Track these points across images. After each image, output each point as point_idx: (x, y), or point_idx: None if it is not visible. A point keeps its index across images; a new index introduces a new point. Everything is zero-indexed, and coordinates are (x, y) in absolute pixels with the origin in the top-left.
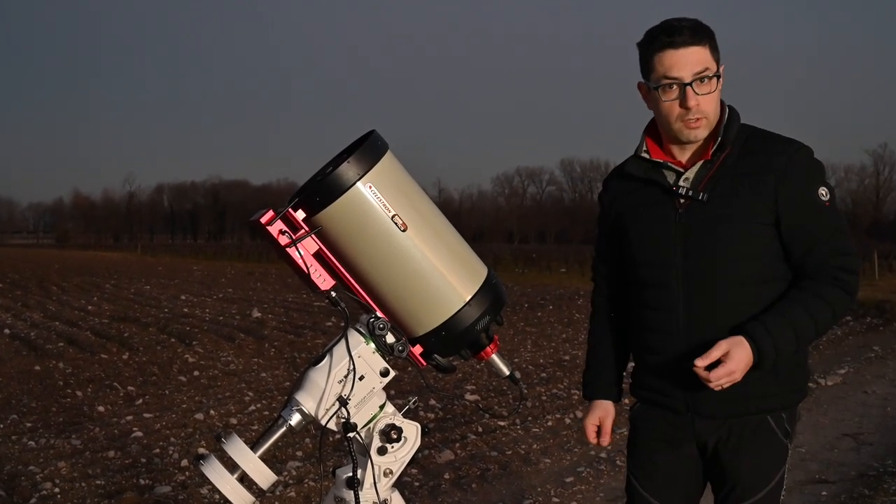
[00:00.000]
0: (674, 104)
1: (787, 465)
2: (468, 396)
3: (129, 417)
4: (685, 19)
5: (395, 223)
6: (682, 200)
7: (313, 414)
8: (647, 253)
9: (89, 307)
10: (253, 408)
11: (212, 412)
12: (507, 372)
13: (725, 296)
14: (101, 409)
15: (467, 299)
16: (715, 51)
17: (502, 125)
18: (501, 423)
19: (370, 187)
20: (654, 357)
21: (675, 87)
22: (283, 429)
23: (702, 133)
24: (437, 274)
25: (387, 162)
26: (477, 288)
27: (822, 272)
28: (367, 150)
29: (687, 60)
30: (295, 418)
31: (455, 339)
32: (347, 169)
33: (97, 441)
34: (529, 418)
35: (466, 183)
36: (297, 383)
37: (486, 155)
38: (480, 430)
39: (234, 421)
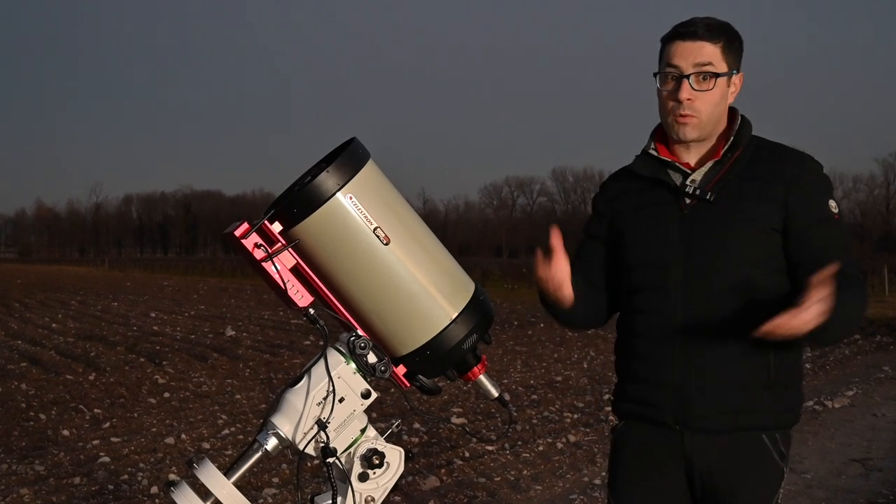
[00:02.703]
0: (669, 95)
1: (781, 491)
2: (454, 419)
3: (96, 442)
4: (710, 18)
5: (377, 236)
6: (687, 201)
7: (290, 438)
8: (645, 255)
9: (53, 325)
10: (227, 431)
11: (183, 436)
12: (495, 394)
13: (725, 301)
14: (65, 432)
15: (453, 317)
16: (729, 54)
17: (491, 132)
18: (489, 448)
19: (351, 198)
20: (643, 364)
21: (673, 78)
22: (259, 454)
23: (690, 132)
24: (422, 290)
25: (368, 171)
26: (464, 305)
27: (838, 278)
28: (348, 158)
29: (691, 52)
30: (271, 443)
31: (440, 358)
32: (326, 179)
33: (62, 467)
34: (519, 443)
35: (453, 193)
36: (274, 406)
37: (473, 164)
38: (467, 455)
39: (206, 445)
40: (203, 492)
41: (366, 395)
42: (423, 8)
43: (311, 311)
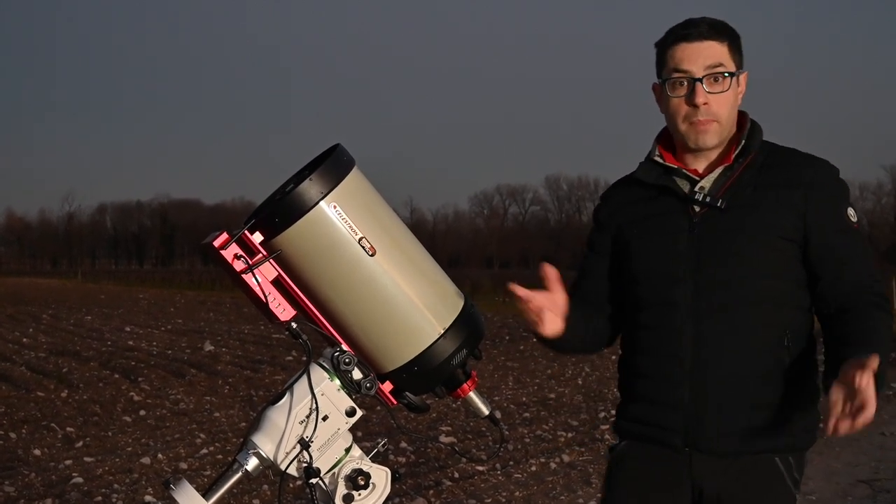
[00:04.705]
0: (681, 101)
1: None
2: (443, 438)
3: (69, 462)
4: (708, 17)
5: (363, 247)
6: (697, 209)
7: (272, 458)
8: (652, 267)
9: (24, 340)
10: (205, 451)
11: (160, 456)
12: (486, 411)
13: (739, 316)
14: (37, 452)
15: (442, 331)
16: (736, 53)
17: (481, 139)
18: (480, 468)
19: (335, 207)
20: (650, 383)
21: (684, 82)
22: (239, 474)
23: (710, 139)
24: (409, 303)
25: (353, 179)
26: (453, 319)
27: (862, 299)
28: (332, 165)
29: (700, 54)
30: (251, 463)
31: (429, 375)
32: (310, 187)
33: (33, 488)
34: (511, 462)
35: (441, 202)
36: (254, 424)
37: (463, 171)
38: (457, 475)
39: (184, 465)
40: None
41: (350, 413)
42: (406, 12)
43: (294, 325)
